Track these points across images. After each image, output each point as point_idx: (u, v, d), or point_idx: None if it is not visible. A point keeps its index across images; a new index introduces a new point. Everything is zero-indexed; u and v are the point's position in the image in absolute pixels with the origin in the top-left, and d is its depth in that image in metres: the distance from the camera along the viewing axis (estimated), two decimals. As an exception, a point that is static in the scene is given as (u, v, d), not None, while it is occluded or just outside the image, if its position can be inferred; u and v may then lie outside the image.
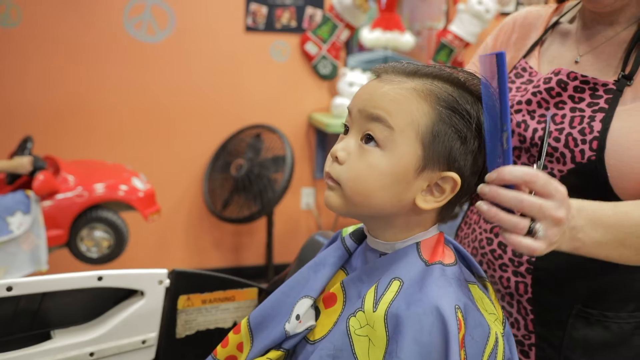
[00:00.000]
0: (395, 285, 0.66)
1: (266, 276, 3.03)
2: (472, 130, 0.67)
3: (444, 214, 0.72)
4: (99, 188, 2.22)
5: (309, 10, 3.00)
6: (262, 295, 1.14)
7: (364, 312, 0.65)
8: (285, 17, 2.97)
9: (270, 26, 2.95)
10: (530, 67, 0.95)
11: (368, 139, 0.67)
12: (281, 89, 3.06)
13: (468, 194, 0.71)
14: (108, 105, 2.78)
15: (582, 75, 0.85)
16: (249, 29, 2.93)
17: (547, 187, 0.62)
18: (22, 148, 2.20)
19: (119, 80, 2.77)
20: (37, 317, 0.96)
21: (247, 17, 2.91)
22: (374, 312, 0.64)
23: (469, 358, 0.62)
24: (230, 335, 0.79)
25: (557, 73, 0.87)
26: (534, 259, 0.86)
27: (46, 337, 0.98)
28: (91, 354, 0.98)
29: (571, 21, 0.97)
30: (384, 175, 0.66)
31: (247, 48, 2.95)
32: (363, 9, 2.92)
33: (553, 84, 0.87)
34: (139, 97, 2.82)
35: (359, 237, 0.77)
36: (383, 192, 0.67)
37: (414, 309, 0.62)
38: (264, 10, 2.92)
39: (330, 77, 3.11)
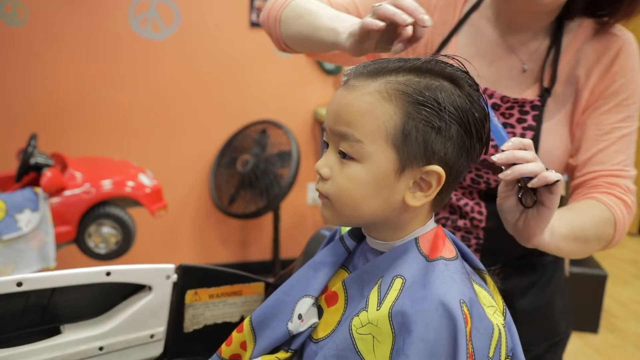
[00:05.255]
0: (398, 283, 0.66)
1: (273, 271, 3.04)
2: (444, 118, 0.65)
3: (437, 203, 0.72)
4: (106, 184, 2.23)
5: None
6: (269, 289, 1.15)
7: (367, 311, 0.65)
8: (290, 13, 2.97)
9: (275, 21, 2.95)
10: None
11: (343, 154, 0.67)
12: (286, 84, 3.06)
13: (461, 176, 0.70)
14: (114, 102, 2.79)
15: (514, 99, 0.95)
16: (253, 24, 2.93)
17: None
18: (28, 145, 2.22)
19: (125, 77, 2.79)
20: (46, 312, 0.97)
21: (251, 12, 2.91)
22: (377, 310, 0.64)
23: (477, 351, 0.62)
24: (234, 334, 0.80)
25: (490, 95, 0.96)
26: (481, 241, 1.01)
27: (56, 331, 0.99)
28: (100, 348, 1.00)
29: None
30: (365, 185, 0.66)
31: (252, 44, 2.95)
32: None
33: None
34: (145, 93, 2.83)
35: (358, 235, 0.78)
36: (369, 200, 0.67)
37: (419, 306, 0.62)
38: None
39: (336, 72, 3.11)
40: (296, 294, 0.75)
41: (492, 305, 0.69)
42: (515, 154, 0.70)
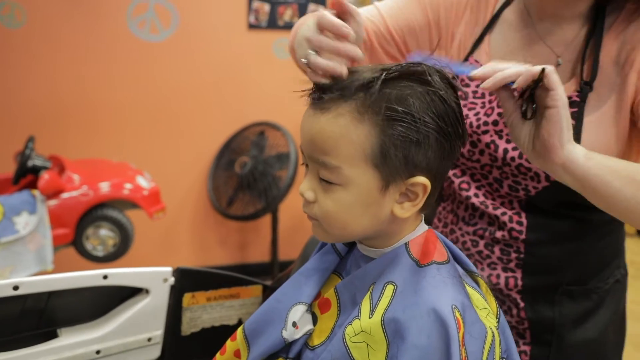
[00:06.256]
0: (390, 290, 0.66)
1: (271, 273, 3.04)
2: (421, 130, 0.63)
3: (425, 206, 0.70)
4: (104, 187, 2.23)
5: (312, 6, 3.01)
6: (267, 292, 1.14)
7: (360, 320, 0.65)
8: (288, 14, 2.97)
9: (272, 23, 2.96)
10: None
11: (324, 180, 0.66)
12: (284, 85, 3.05)
13: (445, 177, 0.69)
14: (112, 104, 2.79)
15: None
16: (251, 26, 2.93)
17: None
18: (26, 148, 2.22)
19: (123, 79, 2.78)
20: (43, 315, 0.97)
21: (249, 14, 2.91)
22: (370, 318, 0.64)
23: (470, 355, 0.62)
24: (228, 342, 0.79)
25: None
26: (522, 255, 0.93)
27: (53, 335, 0.98)
28: (97, 352, 0.99)
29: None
30: (351, 206, 0.66)
31: (250, 46, 2.95)
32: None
33: None
34: (143, 95, 2.83)
35: (350, 241, 0.77)
36: (358, 219, 0.67)
37: (411, 312, 0.62)
38: (266, 7, 2.92)
39: (334, 74, 3.11)
40: (288, 301, 0.75)
41: (485, 307, 0.69)
42: (494, 65, 0.67)
